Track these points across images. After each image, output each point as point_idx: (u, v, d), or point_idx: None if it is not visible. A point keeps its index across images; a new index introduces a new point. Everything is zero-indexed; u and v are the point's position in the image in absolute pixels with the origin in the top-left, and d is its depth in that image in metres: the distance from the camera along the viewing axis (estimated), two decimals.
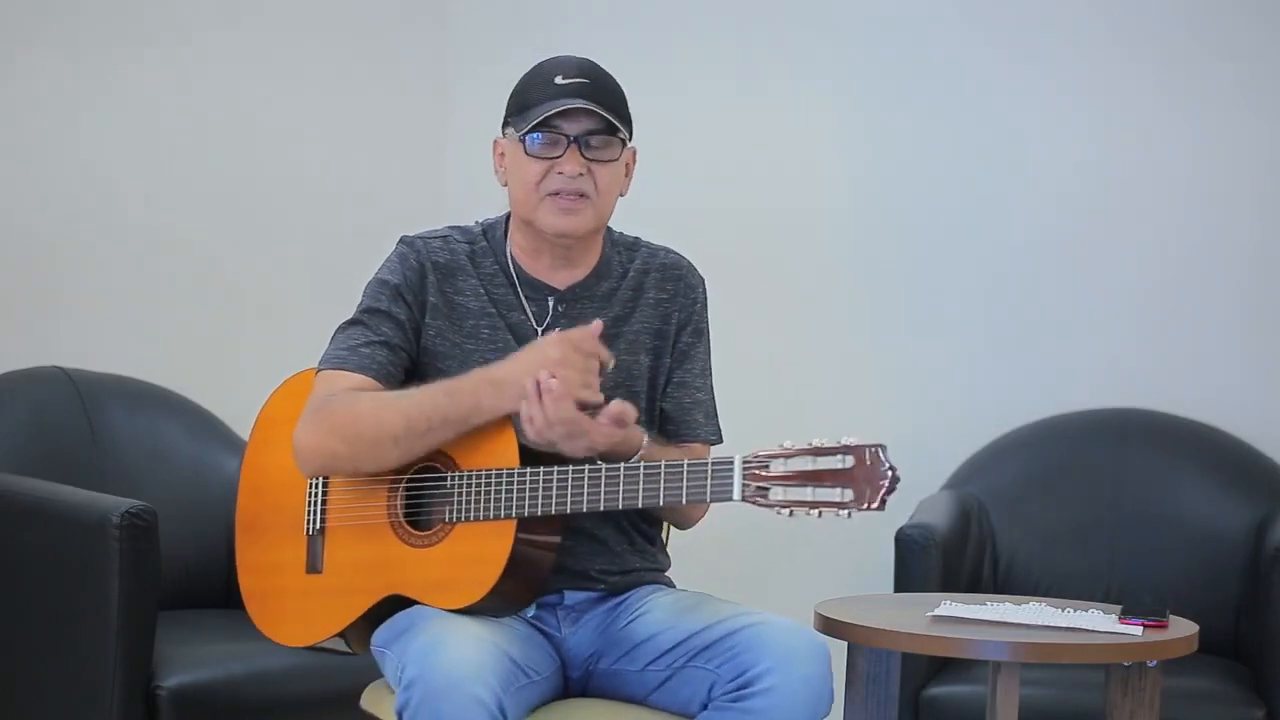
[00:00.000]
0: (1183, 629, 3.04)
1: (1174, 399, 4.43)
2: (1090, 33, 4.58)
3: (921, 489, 4.35)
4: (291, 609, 2.87)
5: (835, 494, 2.51)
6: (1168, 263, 4.54)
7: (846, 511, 2.52)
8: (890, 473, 2.51)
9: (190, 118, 4.53)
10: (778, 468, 2.55)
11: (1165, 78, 4.54)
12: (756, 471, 2.56)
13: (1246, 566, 4.17)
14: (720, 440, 2.95)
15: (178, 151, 4.50)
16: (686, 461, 2.63)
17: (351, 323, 2.83)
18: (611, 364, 2.71)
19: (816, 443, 2.55)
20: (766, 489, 2.55)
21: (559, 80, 2.78)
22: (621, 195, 2.86)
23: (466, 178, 4.85)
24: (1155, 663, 3.00)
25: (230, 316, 4.56)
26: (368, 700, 2.94)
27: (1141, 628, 3.00)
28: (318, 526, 2.84)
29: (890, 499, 2.52)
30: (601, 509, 2.68)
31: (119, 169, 4.41)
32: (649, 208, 3.18)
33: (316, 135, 4.75)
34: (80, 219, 4.34)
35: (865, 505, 2.51)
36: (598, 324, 2.70)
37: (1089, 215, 4.58)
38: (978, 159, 4.64)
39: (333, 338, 2.84)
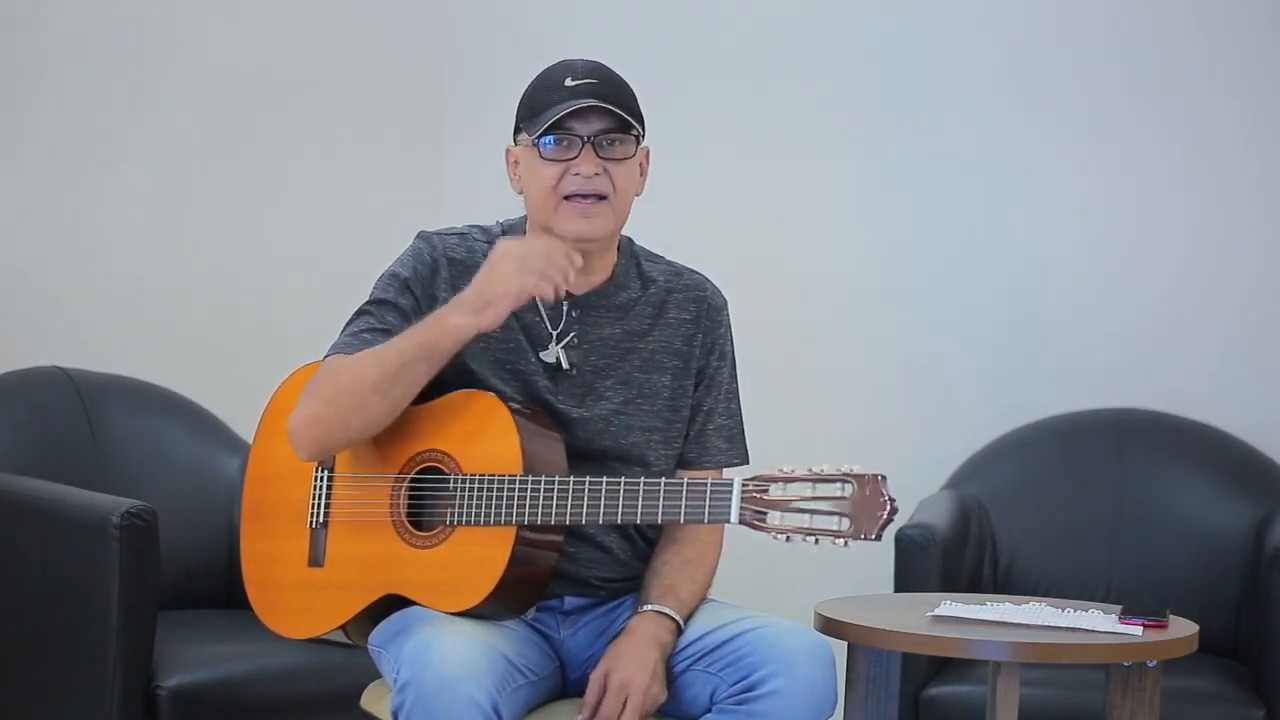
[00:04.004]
0: (1183, 629, 3.04)
1: (1174, 399, 4.43)
2: (1081, 44, 4.59)
3: (921, 489, 4.35)
4: (292, 601, 2.87)
5: (833, 523, 2.54)
6: (1168, 263, 4.53)
7: (843, 540, 2.54)
8: (889, 504, 2.53)
9: (190, 118, 4.52)
10: (776, 492, 2.57)
11: (1164, 75, 4.54)
12: (755, 495, 2.57)
13: (1246, 566, 4.16)
14: (745, 462, 2.94)
15: (177, 152, 4.50)
16: (686, 480, 2.65)
17: (359, 313, 2.84)
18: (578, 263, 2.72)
19: (817, 469, 2.57)
20: (764, 514, 2.56)
21: (569, 82, 2.77)
22: (637, 195, 2.85)
23: (467, 179, 4.85)
24: (1155, 663, 2.99)
25: (230, 316, 4.55)
26: (368, 700, 2.94)
27: (1141, 628, 3.00)
28: (321, 520, 2.84)
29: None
30: (600, 522, 2.69)
31: (118, 168, 4.40)
32: (656, 217, 3.18)
33: (316, 136, 4.75)
34: (80, 218, 4.34)
35: (862, 535, 2.53)
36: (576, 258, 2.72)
37: (1089, 216, 4.58)
38: (979, 159, 4.64)
39: (342, 328, 2.85)
